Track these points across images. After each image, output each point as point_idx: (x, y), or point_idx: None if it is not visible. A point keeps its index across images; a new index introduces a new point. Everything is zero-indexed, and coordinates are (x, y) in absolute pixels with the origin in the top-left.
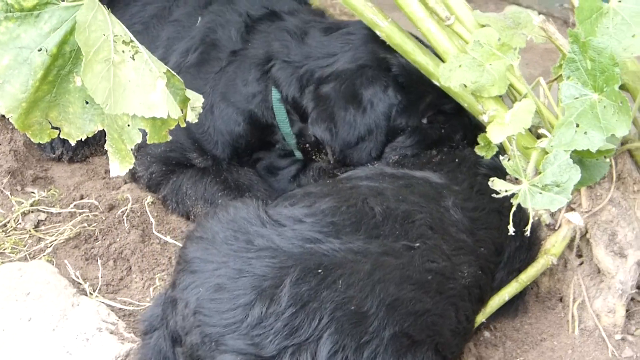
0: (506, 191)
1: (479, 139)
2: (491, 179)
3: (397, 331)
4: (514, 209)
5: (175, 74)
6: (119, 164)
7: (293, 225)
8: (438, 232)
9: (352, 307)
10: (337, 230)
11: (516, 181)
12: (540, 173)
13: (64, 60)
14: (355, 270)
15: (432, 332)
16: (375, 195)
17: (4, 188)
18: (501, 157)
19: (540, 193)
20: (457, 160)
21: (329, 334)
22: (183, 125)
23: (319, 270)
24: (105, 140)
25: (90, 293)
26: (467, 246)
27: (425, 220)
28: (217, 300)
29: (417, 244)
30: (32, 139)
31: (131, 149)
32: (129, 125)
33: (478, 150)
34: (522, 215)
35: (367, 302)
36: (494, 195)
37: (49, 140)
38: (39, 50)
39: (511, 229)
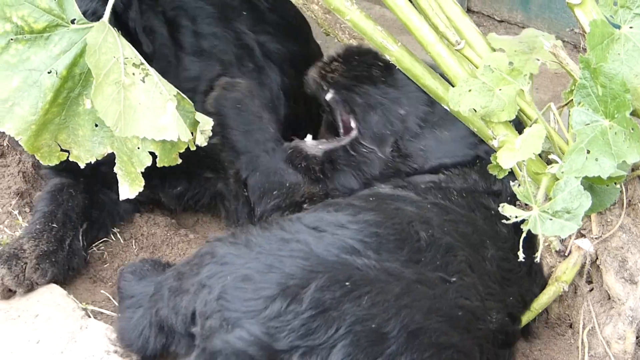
0: (516, 217)
1: (492, 158)
2: (501, 204)
3: (415, 359)
4: (524, 235)
5: (185, 97)
6: (129, 186)
7: (334, 230)
8: (476, 273)
9: (373, 325)
10: (380, 244)
11: (526, 207)
12: (550, 199)
13: (74, 83)
14: (383, 291)
15: None
16: (420, 222)
17: (12, 209)
18: (511, 183)
19: (551, 219)
20: None
21: (344, 345)
22: (193, 148)
23: (347, 283)
24: (115, 164)
25: (98, 314)
26: (497, 294)
27: (466, 258)
28: (242, 289)
29: (454, 279)
30: (41, 162)
31: (140, 172)
32: (138, 148)
33: (490, 170)
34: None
35: (389, 324)
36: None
37: (57, 163)
38: (48, 73)
39: (521, 256)
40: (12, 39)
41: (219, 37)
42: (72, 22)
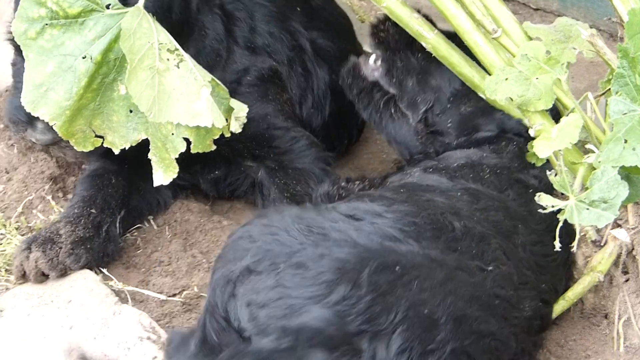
0: (552, 206)
1: (529, 146)
2: (538, 194)
3: (458, 347)
4: (560, 224)
5: (220, 82)
6: (163, 173)
7: (372, 219)
8: (511, 261)
9: (425, 311)
10: (418, 233)
11: (563, 196)
12: (587, 189)
13: (108, 68)
14: (429, 276)
15: (491, 357)
16: (452, 213)
17: (45, 194)
18: (548, 173)
19: (588, 209)
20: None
21: (401, 330)
22: (227, 135)
23: (397, 268)
24: (149, 150)
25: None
26: (531, 282)
27: (499, 246)
28: (300, 275)
29: (490, 268)
30: (75, 147)
31: (175, 158)
32: (172, 134)
33: (528, 158)
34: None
35: (438, 311)
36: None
37: (92, 149)
38: (83, 58)
39: (557, 245)
40: (46, 24)
41: (275, 36)
42: (107, 7)
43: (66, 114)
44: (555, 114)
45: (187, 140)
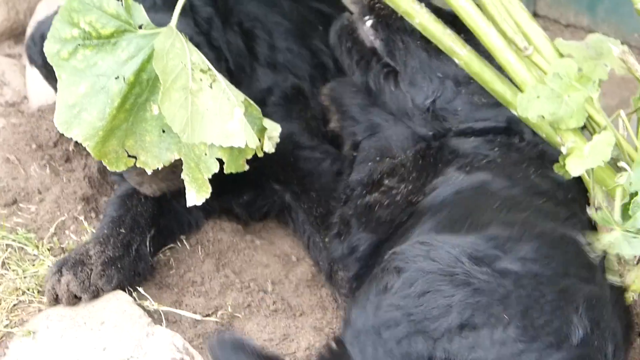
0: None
1: (560, 158)
2: (582, 232)
3: None
4: (609, 257)
5: (252, 103)
6: (196, 193)
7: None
8: None
9: None
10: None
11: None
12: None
13: (141, 89)
14: None
15: None
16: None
17: (78, 214)
18: (587, 209)
19: (635, 238)
20: None
21: None
22: (260, 154)
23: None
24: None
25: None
26: None
27: None
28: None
29: None
30: (108, 168)
31: (208, 179)
32: (206, 154)
33: (557, 169)
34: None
35: None
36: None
37: (125, 169)
38: (116, 78)
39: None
40: (79, 45)
41: (295, 53)
42: (140, 27)
43: (99, 135)
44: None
45: (220, 160)
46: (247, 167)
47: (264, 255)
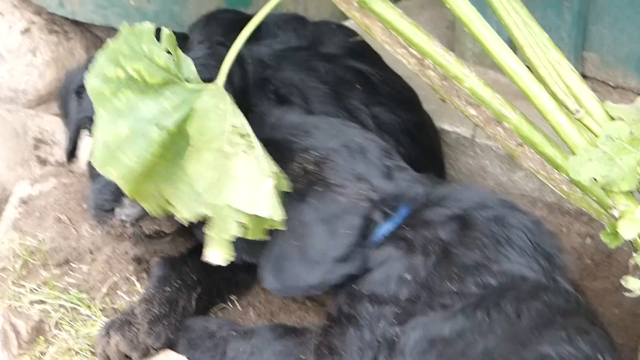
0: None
1: (608, 227)
2: (624, 277)
3: None
4: None
5: (282, 176)
6: (219, 252)
7: None
8: None
9: None
10: None
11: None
12: None
13: (183, 139)
14: None
15: None
16: None
17: (129, 275)
18: (634, 254)
19: None
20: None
21: None
22: (283, 228)
23: None
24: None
25: None
26: None
27: None
28: None
29: None
30: (147, 209)
31: (231, 242)
32: (230, 217)
33: (603, 237)
34: None
35: None
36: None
37: (162, 214)
38: (157, 126)
39: None
40: (123, 86)
41: (331, 115)
42: (187, 80)
43: (135, 177)
44: None
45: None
46: (269, 237)
47: (315, 316)
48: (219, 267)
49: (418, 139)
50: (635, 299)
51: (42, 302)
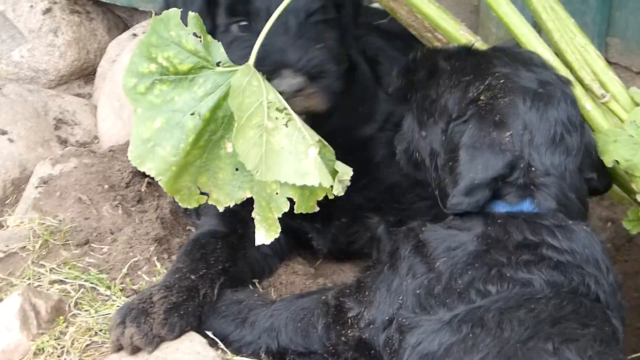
0: None
1: (630, 213)
2: None
3: None
4: None
5: (326, 144)
6: (265, 232)
7: None
8: None
9: None
10: None
11: None
12: None
13: (216, 126)
14: None
15: None
16: None
17: (150, 255)
18: None
19: None
20: None
21: None
22: (331, 197)
23: None
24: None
25: None
26: None
27: None
28: None
29: None
30: (180, 204)
31: (278, 218)
32: (277, 194)
33: (625, 224)
34: None
35: None
36: None
37: (196, 206)
38: (191, 114)
39: None
40: (156, 80)
41: None
42: (217, 64)
43: (172, 170)
44: None
45: (290, 200)
46: (317, 209)
47: None
48: (248, 253)
49: None
50: None
51: (61, 282)
